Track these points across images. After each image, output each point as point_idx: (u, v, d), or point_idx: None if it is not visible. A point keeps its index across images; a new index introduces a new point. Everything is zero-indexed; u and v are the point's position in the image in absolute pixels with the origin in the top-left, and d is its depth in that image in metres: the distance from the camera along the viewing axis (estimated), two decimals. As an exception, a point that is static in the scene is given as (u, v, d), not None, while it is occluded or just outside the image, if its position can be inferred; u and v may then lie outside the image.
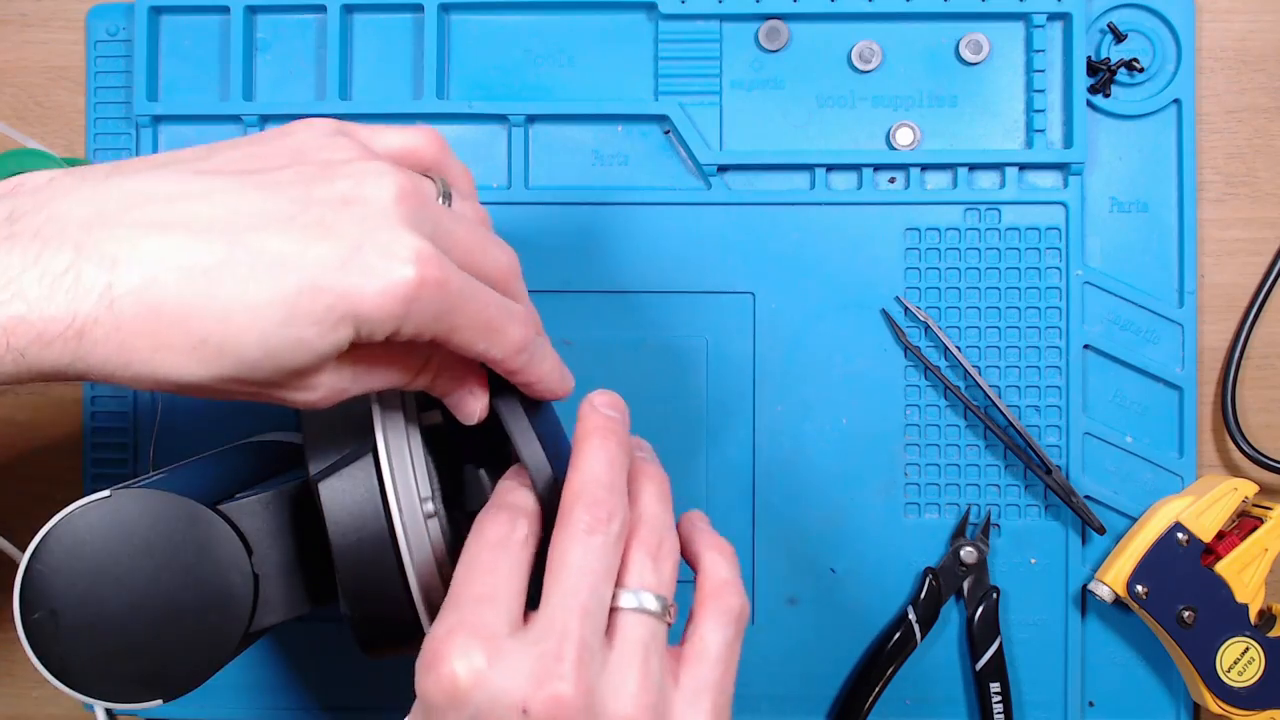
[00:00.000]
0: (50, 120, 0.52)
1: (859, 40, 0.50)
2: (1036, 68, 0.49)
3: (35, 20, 0.52)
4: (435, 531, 0.37)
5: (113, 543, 0.35)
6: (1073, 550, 0.49)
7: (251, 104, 0.51)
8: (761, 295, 0.50)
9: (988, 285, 0.50)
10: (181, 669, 0.35)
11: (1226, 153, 0.51)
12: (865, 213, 0.50)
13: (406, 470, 0.36)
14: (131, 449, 0.51)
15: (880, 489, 0.50)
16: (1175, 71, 0.50)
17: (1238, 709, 0.47)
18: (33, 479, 0.52)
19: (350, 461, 0.35)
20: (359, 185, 0.30)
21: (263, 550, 0.37)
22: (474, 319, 0.31)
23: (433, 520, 0.36)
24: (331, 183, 0.30)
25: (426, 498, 0.36)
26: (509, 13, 0.51)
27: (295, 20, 0.51)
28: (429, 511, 0.36)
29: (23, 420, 0.52)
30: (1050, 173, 0.50)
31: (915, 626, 0.49)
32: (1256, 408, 0.51)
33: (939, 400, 0.50)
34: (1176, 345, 0.50)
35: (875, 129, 0.50)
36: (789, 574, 0.50)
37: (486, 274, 0.33)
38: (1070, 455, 0.49)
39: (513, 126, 0.50)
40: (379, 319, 0.29)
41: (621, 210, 0.50)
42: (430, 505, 0.36)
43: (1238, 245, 0.51)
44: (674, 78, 0.50)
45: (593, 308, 0.50)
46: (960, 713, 0.50)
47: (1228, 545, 0.47)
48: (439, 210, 0.32)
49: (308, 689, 0.51)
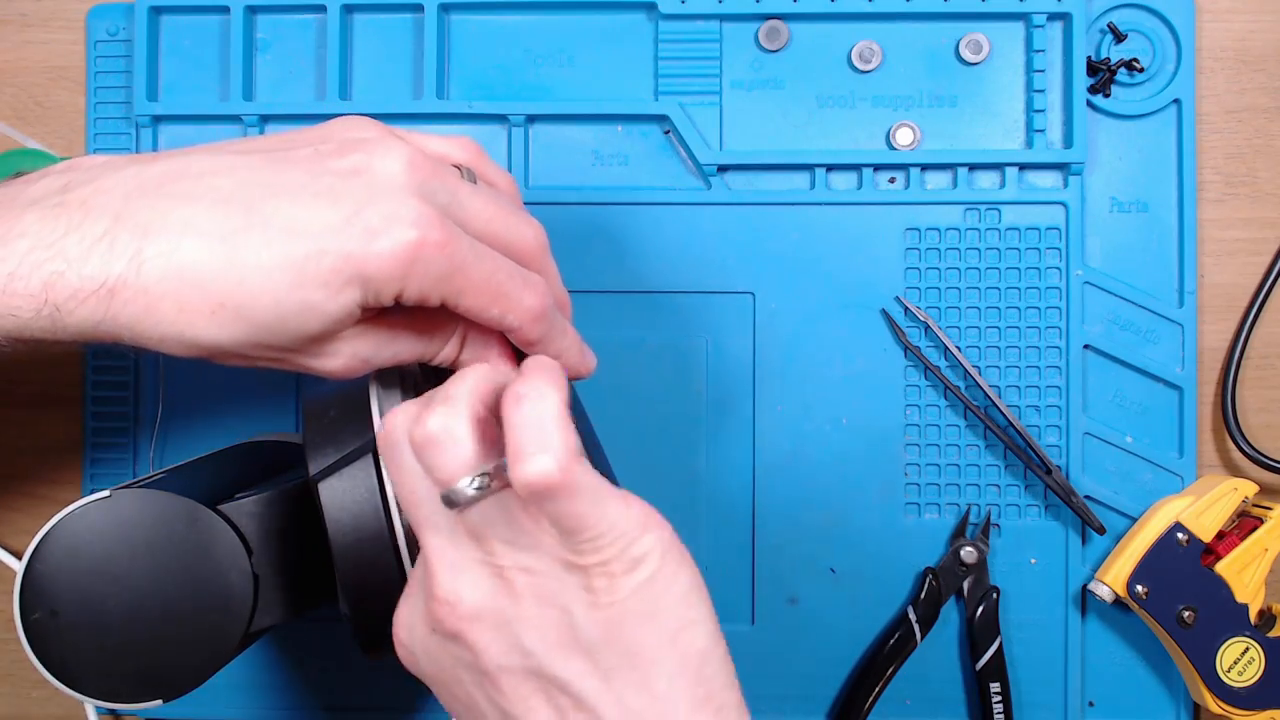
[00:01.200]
0: (50, 120, 0.52)
1: (859, 40, 0.50)
2: (1036, 68, 0.49)
3: (35, 20, 0.52)
4: None
5: (112, 543, 0.35)
6: (1073, 550, 0.49)
7: (251, 104, 0.51)
8: (761, 295, 0.50)
9: (988, 285, 0.50)
10: (181, 669, 0.35)
11: (1226, 153, 0.51)
12: (865, 213, 0.50)
13: None
14: (131, 449, 0.51)
15: (880, 489, 0.50)
16: (1175, 71, 0.50)
17: (1238, 709, 0.47)
18: (33, 479, 0.52)
19: (350, 461, 0.35)
20: (369, 157, 0.31)
21: (262, 550, 0.37)
22: (483, 284, 0.32)
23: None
24: (346, 156, 0.32)
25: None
26: (509, 13, 0.51)
27: (295, 20, 0.51)
28: None
29: (23, 420, 0.52)
30: (1050, 173, 0.50)
31: (915, 626, 0.49)
32: (1256, 408, 0.51)
33: (939, 400, 0.50)
34: (1176, 345, 0.50)
35: (875, 129, 0.50)
36: (789, 574, 0.50)
37: (507, 245, 0.34)
38: (1070, 455, 0.49)
39: (513, 126, 0.50)
40: (382, 279, 0.30)
41: (621, 210, 0.50)
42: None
43: (1238, 245, 0.51)
44: (674, 78, 0.50)
45: (593, 308, 0.50)
46: (960, 713, 0.50)
47: (1228, 545, 0.47)
48: (457, 183, 0.33)
49: (308, 689, 0.51)
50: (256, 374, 0.50)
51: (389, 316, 0.33)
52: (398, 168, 0.31)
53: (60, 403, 0.52)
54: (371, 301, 0.31)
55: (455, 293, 0.32)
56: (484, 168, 0.37)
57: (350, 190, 0.31)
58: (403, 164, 0.31)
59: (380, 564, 0.35)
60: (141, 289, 0.29)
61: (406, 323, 0.34)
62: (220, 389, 0.51)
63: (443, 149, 0.36)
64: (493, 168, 0.37)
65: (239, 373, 0.50)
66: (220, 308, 0.30)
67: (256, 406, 0.51)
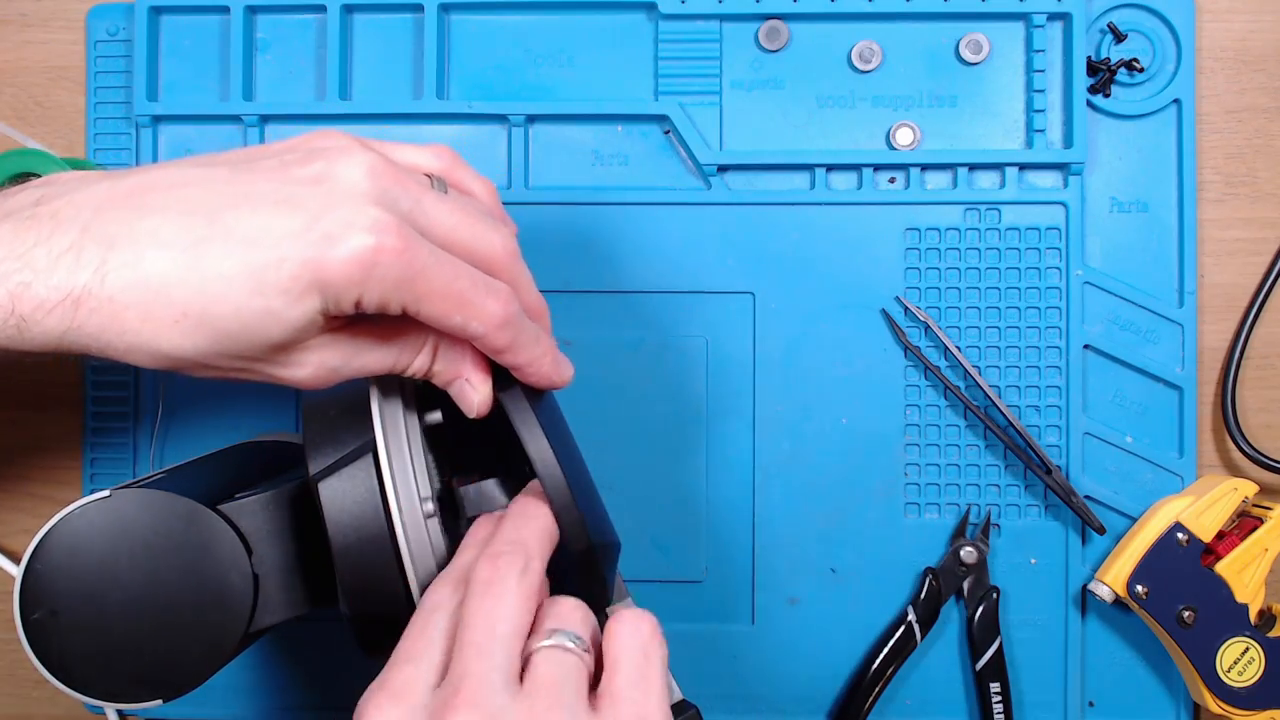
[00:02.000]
0: (50, 120, 0.52)
1: (859, 40, 0.50)
2: (1036, 68, 0.49)
3: (35, 20, 0.52)
4: (435, 531, 0.36)
5: (112, 542, 0.35)
6: (1073, 550, 0.49)
7: (251, 104, 0.50)
8: (761, 295, 0.50)
9: (988, 285, 0.50)
10: (181, 669, 0.35)
11: (1226, 153, 0.51)
12: (865, 213, 0.50)
13: (407, 470, 0.36)
14: (131, 449, 0.51)
15: (880, 489, 0.50)
16: (1175, 71, 0.50)
17: (1238, 709, 0.47)
18: (33, 479, 0.52)
19: (350, 461, 0.35)
20: (331, 165, 0.32)
21: (262, 550, 0.37)
22: (442, 290, 0.32)
23: (433, 520, 0.36)
24: (309, 165, 0.32)
25: (427, 498, 0.36)
26: (509, 13, 0.51)
27: (295, 20, 0.51)
28: (429, 511, 0.36)
29: (23, 420, 0.52)
30: (1050, 173, 0.50)
31: (915, 626, 0.49)
32: (1256, 408, 0.51)
33: (939, 400, 0.50)
34: (1176, 345, 0.50)
35: (875, 129, 0.50)
36: (789, 574, 0.50)
37: (471, 252, 0.33)
38: (1070, 455, 0.49)
39: (513, 126, 0.50)
40: (340, 285, 0.30)
41: (621, 210, 0.50)
42: (430, 505, 0.36)
43: (1238, 245, 0.51)
44: (674, 78, 0.50)
45: (593, 308, 0.50)
46: (960, 713, 0.50)
47: (1228, 545, 0.47)
48: (421, 191, 0.33)
49: (308, 689, 0.51)
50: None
51: (357, 326, 0.33)
52: (358, 175, 0.31)
53: (60, 403, 0.52)
54: (333, 309, 0.31)
55: (415, 299, 0.31)
56: (458, 175, 0.36)
57: (311, 197, 0.31)
58: (363, 171, 0.32)
59: (380, 564, 0.35)
60: (106, 299, 0.30)
61: (375, 332, 0.34)
62: (220, 388, 0.51)
63: (413, 158, 0.36)
64: (469, 175, 0.37)
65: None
66: (184, 317, 0.30)
67: (256, 406, 0.51)
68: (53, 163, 0.48)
